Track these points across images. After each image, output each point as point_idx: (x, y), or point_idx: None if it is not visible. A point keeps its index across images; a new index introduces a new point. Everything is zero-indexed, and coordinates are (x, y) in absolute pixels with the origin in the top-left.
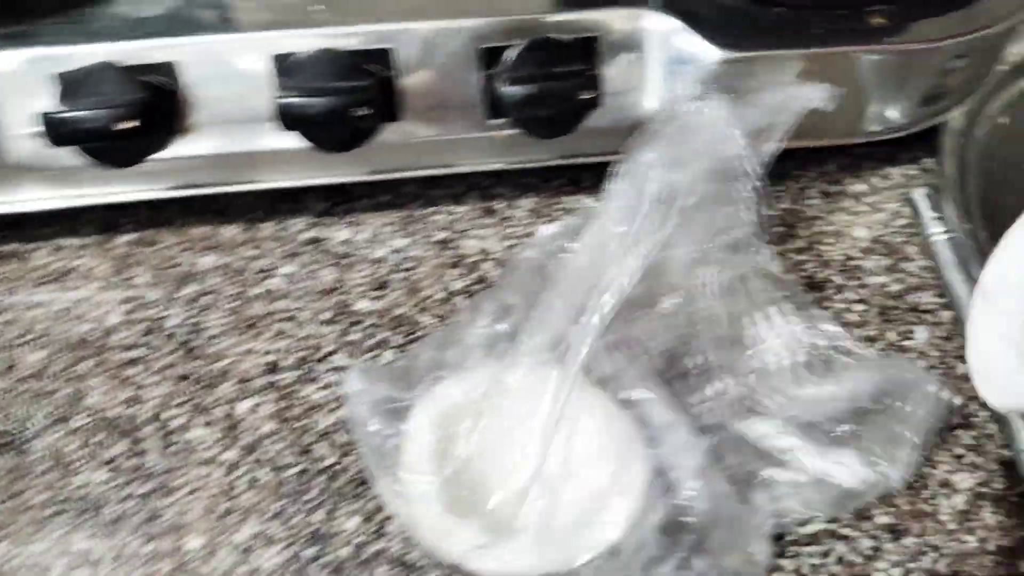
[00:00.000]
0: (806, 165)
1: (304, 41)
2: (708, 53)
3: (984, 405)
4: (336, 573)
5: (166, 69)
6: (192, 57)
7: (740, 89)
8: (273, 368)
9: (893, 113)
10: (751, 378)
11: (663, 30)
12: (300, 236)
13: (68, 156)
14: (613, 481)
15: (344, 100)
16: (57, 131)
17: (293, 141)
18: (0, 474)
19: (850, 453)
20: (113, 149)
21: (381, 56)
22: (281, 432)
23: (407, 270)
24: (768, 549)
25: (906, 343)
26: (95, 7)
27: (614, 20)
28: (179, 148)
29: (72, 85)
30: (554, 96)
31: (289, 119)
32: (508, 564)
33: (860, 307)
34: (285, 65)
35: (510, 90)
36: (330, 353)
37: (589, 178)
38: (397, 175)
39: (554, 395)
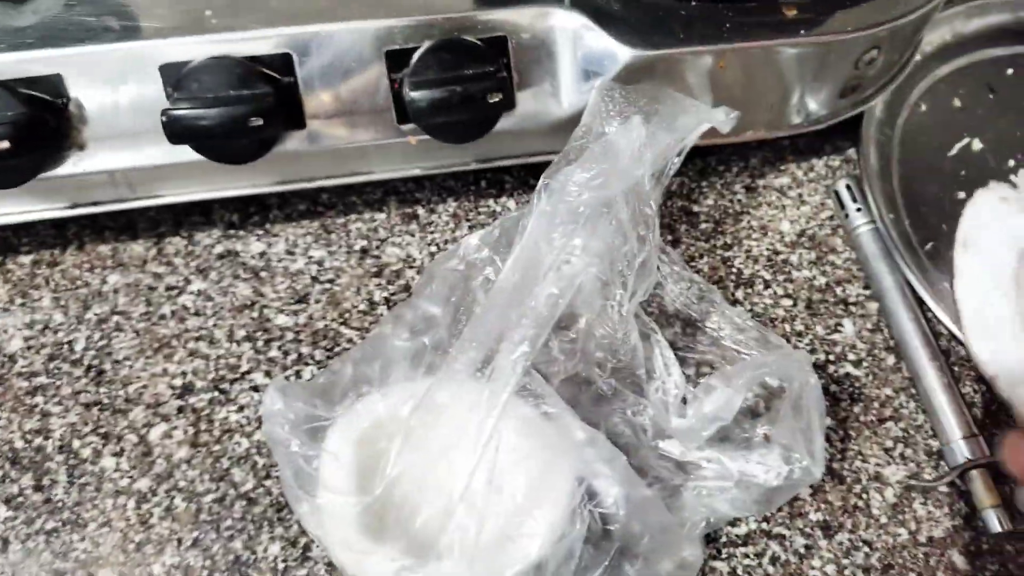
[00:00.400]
0: (730, 160)
1: (198, 48)
2: (620, 52)
3: (913, 396)
4: None
5: (52, 82)
6: (80, 69)
7: (654, 106)
8: (187, 390)
9: (813, 105)
10: (657, 405)
11: (573, 28)
12: (212, 250)
13: None
14: (536, 493)
15: (238, 111)
16: None
17: (191, 154)
18: None
19: (768, 453)
20: None
21: (282, 61)
22: (197, 457)
23: (327, 281)
24: (701, 552)
25: (834, 336)
26: None
27: (523, 19)
28: (74, 165)
29: None
30: (462, 100)
31: (177, 133)
32: None
33: (787, 302)
34: (176, 75)
35: (415, 95)
36: (247, 372)
37: (511, 180)
38: (309, 184)
39: (485, 419)
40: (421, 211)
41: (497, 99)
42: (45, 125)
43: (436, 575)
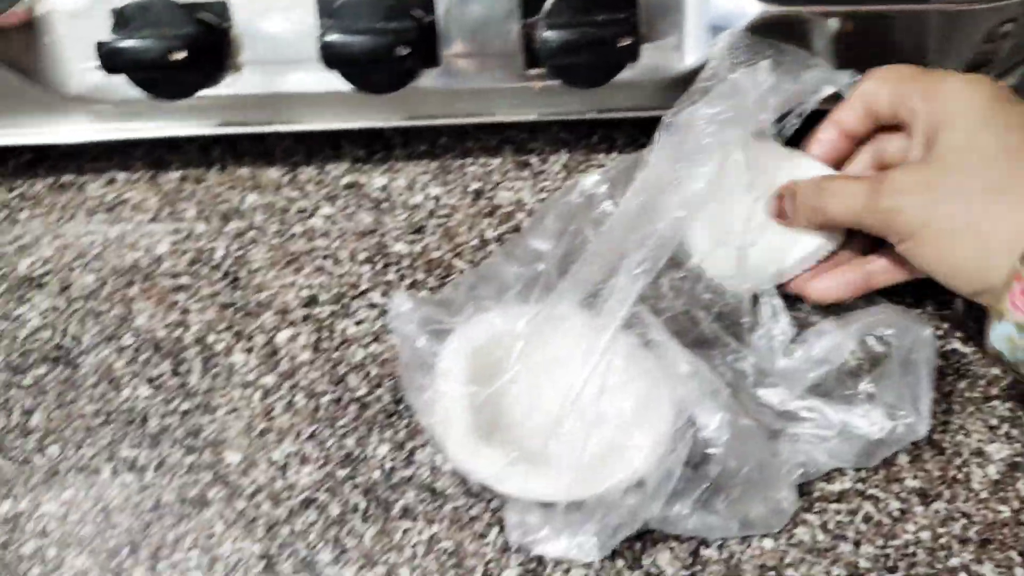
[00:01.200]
0: None
1: None
2: (750, 7)
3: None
4: (368, 493)
5: (218, 7)
6: None
7: (781, 57)
8: (312, 301)
9: None
10: (762, 350)
11: None
12: (339, 180)
13: (124, 88)
14: (639, 416)
15: (386, 40)
16: (111, 59)
17: (335, 83)
18: (53, 384)
19: (872, 409)
20: (164, 80)
21: (424, 1)
22: (317, 361)
23: (443, 216)
24: (795, 497)
25: (945, 312)
26: None
27: None
28: (227, 86)
29: (127, 18)
30: (592, 42)
31: (331, 57)
32: (536, 486)
33: None
34: (329, 6)
35: (548, 35)
36: (366, 290)
37: (622, 137)
38: (434, 122)
39: (602, 330)
40: (534, 160)
41: (626, 43)
42: (209, 45)
43: (542, 475)
